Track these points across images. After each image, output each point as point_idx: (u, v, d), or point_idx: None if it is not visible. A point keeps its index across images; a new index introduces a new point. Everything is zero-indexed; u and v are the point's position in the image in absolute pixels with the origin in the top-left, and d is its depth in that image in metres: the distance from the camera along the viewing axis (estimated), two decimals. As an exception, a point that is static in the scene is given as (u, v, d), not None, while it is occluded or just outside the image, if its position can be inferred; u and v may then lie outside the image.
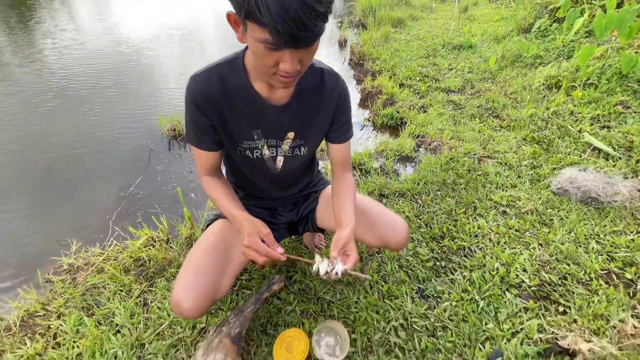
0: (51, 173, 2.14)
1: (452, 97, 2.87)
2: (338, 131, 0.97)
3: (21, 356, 1.06)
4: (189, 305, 0.84)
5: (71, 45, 4.39)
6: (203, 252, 0.95)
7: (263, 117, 0.88)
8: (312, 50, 0.70)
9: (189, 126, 0.89)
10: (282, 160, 0.98)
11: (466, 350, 1.02)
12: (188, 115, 0.87)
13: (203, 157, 0.93)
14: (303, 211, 1.15)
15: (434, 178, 1.78)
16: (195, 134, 0.89)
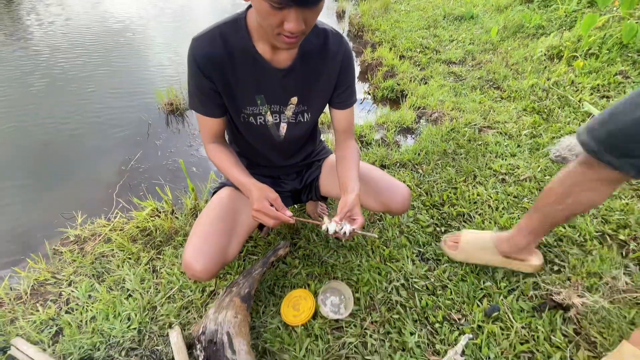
0: (50, 150, 2.12)
1: (453, 68, 2.83)
2: (341, 96, 0.97)
3: (34, 322, 1.10)
4: (200, 268, 0.87)
5: (56, 22, 4.22)
6: (211, 218, 0.97)
7: (266, 81, 0.87)
8: (317, 10, 0.69)
9: (193, 91, 0.88)
10: (285, 127, 0.98)
11: (464, 307, 1.07)
12: (191, 79, 0.86)
13: (208, 124, 0.92)
14: (306, 179, 1.16)
15: (435, 148, 1.79)
16: (199, 99, 0.88)
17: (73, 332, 1.04)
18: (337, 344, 1.00)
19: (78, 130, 2.29)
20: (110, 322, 1.06)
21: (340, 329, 1.04)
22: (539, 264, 1.11)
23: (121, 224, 1.47)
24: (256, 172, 1.12)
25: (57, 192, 1.81)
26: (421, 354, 0.96)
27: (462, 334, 0.99)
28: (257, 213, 0.84)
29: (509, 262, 1.13)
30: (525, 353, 0.94)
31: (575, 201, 0.87)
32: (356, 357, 0.96)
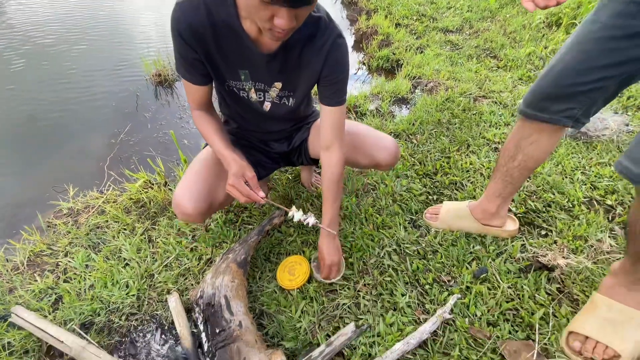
0: (36, 124, 2.06)
1: (449, 37, 2.75)
2: (325, 91, 0.90)
3: (33, 290, 1.11)
4: (189, 205, 0.90)
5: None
6: (201, 163, 1.00)
7: (250, 60, 0.85)
8: (309, 7, 0.65)
9: (177, 58, 0.84)
10: (269, 106, 0.97)
11: (454, 270, 1.11)
12: (175, 46, 0.82)
13: (193, 91, 0.90)
14: (295, 143, 1.15)
15: (429, 118, 1.78)
16: (183, 67, 0.85)
17: (72, 299, 1.06)
18: (331, 305, 1.03)
19: (64, 104, 2.21)
20: (109, 290, 1.08)
21: (334, 292, 1.08)
22: (513, 229, 1.17)
23: (114, 196, 1.46)
24: (245, 135, 1.11)
25: (46, 166, 1.78)
26: (411, 313, 1.01)
27: (451, 294, 1.03)
28: (230, 188, 0.85)
29: (486, 229, 1.18)
30: (511, 310, 0.99)
31: (526, 156, 0.95)
32: (349, 316, 1.00)
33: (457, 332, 0.95)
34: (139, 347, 0.97)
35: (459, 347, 0.91)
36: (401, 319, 0.98)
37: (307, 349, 0.93)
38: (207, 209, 0.94)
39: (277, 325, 0.99)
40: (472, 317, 0.98)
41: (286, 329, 0.98)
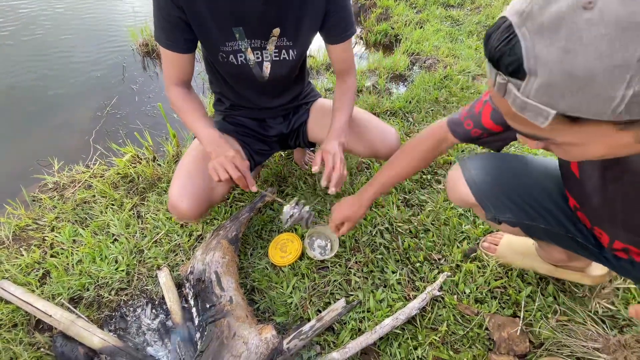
0: (18, 95, 1.96)
1: (450, 12, 2.66)
2: (334, 28, 0.88)
3: (19, 265, 1.09)
4: (186, 206, 0.86)
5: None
6: (193, 158, 0.94)
7: (245, 10, 0.78)
8: None
9: (158, 20, 0.77)
10: (269, 66, 0.91)
11: (445, 248, 1.12)
12: (157, 3, 0.76)
13: (174, 62, 0.83)
14: (294, 124, 1.11)
15: (427, 96, 1.74)
16: (164, 31, 0.78)
17: (60, 274, 1.05)
18: (322, 281, 1.04)
19: (47, 74, 2.10)
20: (98, 265, 1.07)
21: (325, 269, 1.08)
22: (601, 273, 0.92)
23: (101, 171, 1.42)
24: (240, 114, 1.07)
25: (29, 138, 1.71)
26: (401, 290, 1.02)
27: (441, 272, 1.04)
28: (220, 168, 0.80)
29: (561, 273, 0.97)
30: (499, 288, 1.01)
31: None
32: (340, 293, 1.01)
33: (446, 308, 0.96)
34: (129, 322, 0.97)
35: (447, 322, 0.93)
36: (391, 296, 1.00)
37: (297, 323, 0.94)
38: (205, 209, 0.92)
39: (268, 300, 1.00)
40: (460, 295, 0.99)
41: (277, 304, 0.98)
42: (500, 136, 0.69)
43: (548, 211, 0.72)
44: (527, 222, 0.74)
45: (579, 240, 0.71)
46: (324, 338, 0.91)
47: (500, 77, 0.35)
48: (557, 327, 0.90)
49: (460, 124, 0.72)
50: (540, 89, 0.31)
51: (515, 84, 0.33)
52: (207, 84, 1.98)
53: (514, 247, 1.03)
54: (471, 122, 0.69)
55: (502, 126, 0.65)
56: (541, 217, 0.72)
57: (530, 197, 0.72)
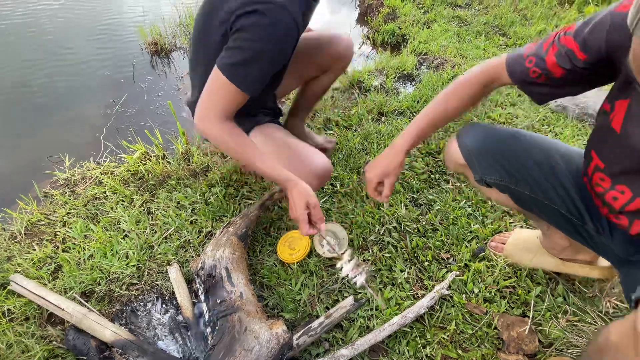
0: (29, 92, 1.98)
1: (458, 12, 2.65)
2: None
3: (31, 259, 1.11)
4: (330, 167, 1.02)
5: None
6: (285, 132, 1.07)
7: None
8: None
9: (252, 67, 0.77)
10: None
11: (453, 248, 1.12)
12: (267, 55, 0.76)
13: (237, 99, 0.81)
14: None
15: (434, 96, 1.73)
16: (254, 79, 0.79)
17: (72, 268, 1.06)
18: (330, 279, 1.04)
19: (57, 72, 2.13)
20: (109, 260, 1.08)
21: (334, 266, 1.08)
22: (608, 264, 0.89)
23: (112, 168, 1.44)
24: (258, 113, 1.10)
25: (41, 136, 1.73)
26: (410, 288, 1.02)
27: (450, 271, 1.04)
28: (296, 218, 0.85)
29: (568, 267, 0.95)
30: (508, 288, 1.00)
31: None
32: (348, 290, 1.02)
33: (454, 307, 0.96)
34: (140, 316, 0.98)
35: (455, 321, 0.93)
36: (399, 294, 1.00)
37: (306, 320, 0.95)
38: None
39: (277, 297, 1.00)
40: (469, 294, 0.99)
41: (286, 301, 0.99)
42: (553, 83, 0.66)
43: (534, 179, 0.74)
44: (512, 187, 0.77)
45: (562, 212, 0.74)
46: (332, 335, 0.92)
47: None
48: (567, 327, 0.90)
49: (522, 61, 0.68)
50: None
51: None
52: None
53: (521, 244, 1.03)
54: (534, 59, 0.66)
55: (562, 69, 0.63)
56: (526, 183, 0.75)
57: (517, 162, 0.75)
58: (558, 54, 0.63)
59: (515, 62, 0.70)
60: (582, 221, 0.73)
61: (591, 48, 0.57)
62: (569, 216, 0.74)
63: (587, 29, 0.58)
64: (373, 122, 1.62)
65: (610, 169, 0.64)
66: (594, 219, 0.72)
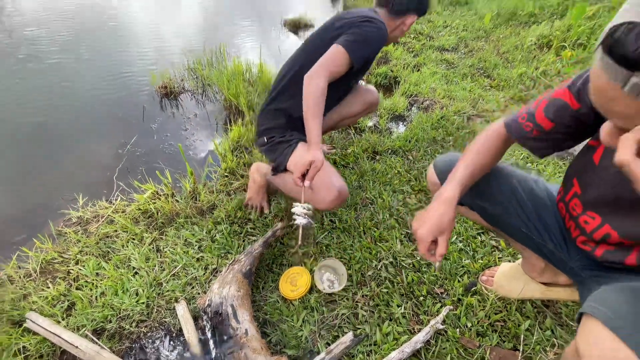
0: (43, 133, 2.11)
1: (445, 55, 2.87)
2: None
3: (46, 297, 1.16)
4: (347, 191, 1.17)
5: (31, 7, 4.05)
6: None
7: None
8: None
9: (364, 47, 1.14)
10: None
11: (446, 282, 1.18)
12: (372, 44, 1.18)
13: (343, 66, 1.13)
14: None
15: (425, 136, 1.87)
16: (359, 51, 1.13)
17: (85, 306, 1.11)
18: (331, 315, 1.09)
19: (71, 113, 2.28)
20: (120, 297, 1.14)
21: (334, 302, 1.14)
22: None
23: (123, 206, 1.52)
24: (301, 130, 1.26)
25: (55, 175, 1.83)
26: (406, 323, 1.07)
27: (444, 306, 1.10)
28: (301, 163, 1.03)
29: (549, 292, 1.03)
30: (499, 322, 1.06)
31: None
32: (348, 326, 1.07)
33: (449, 341, 1.01)
34: (148, 353, 1.02)
35: (450, 355, 0.98)
36: (396, 329, 1.05)
37: (308, 357, 0.99)
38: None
39: (279, 333, 1.05)
40: (462, 328, 1.04)
41: (288, 337, 1.04)
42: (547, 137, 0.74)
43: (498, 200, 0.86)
44: (479, 205, 0.88)
45: (523, 230, 0.85)
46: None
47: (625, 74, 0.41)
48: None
49: (517, 118, 0.76)
50: None
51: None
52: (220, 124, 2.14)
53: (507, 273, 1.10)
54: (526, 115, 0.75)
55: (551, 122, 0.70)
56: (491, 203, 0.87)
57: (483, 184, 0.85)
58: (546, 108, 0.71)
59: (512, 120, 0.79)
60: (542, 239, 0.83)
61: (585, 98, 0.65)
62: (530, 234, 0.84)
63: (580, 81, 0.67)
64: (368, 160, 1.73)
65: (585, 197, 0.72)
66: (552, 238, 0.82)
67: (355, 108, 1.56)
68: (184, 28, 3.55)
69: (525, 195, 0.85)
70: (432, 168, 0.97)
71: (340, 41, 1.13)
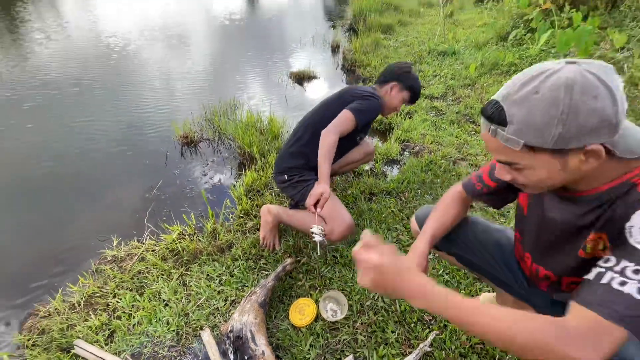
0: (79, 182, 2.39)
1: (435, 103, 3.21)
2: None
3: (90, 327, 1.36)
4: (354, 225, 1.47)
5: (58, 53, 4.59)
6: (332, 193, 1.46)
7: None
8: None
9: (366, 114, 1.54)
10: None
11: (435, 310, 1.36)
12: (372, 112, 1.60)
13: (351, 127, 1.49)
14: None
15: (415, 178, 2.11)
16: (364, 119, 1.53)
17: (124, 333, 1.31)
18: (334, 340, 1.27)
19: (103, 162, 2.58)
20: (153, 326, 1.33)
21: (336, 329, 1.32)
22: None
23: (152, 246, 1.75)
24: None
25: (92, 218, 2.08)
26: (399, 346, 1.24)
27: (432, 331, 1.27)
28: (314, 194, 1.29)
29: None
30: (479, 344, 1.22)
31: None
32: (349, 350, 1.24)
33: (436, 362, 1.18)
34: (179, 374, 1.19)
35: (437, 375, 1.14)
36: (391, 352, 1.22)
37: (314, 376, 1.16)
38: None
39: (290, 357, 1.22)
40: (447, 350, 1.21)
41: (298, 358, 1.21)
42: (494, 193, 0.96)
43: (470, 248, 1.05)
44: (454, 251, 1.07)
45: (490, 272, 1.03)
46: (336, 388, 1.12)
47: (493, 126, 0.63)
48: (527, 378, 1.10)
49: (471, 180, 0.99)
50: (515, 131, 0.61)
51: (502, 129, 0.63)
52: (234, 169, 2.42)
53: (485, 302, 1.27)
54: (476, 178, 0.99)
55: (494, 182, 0.93)
56: (465, 251, 1.05)
57: (458, 232, 1.05)
58: (490, 171, 0.95)
59: (467, 182, 1.03)
60: (508, 280, 1.01)
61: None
62: (498, 276, 1.03)
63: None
64: (365, 201, 1.97)
65: (522, 240, 0.93)
66: (516, 279, 1.00)
67: (355, 157, 1.90)
68: (200, 82, 4.00)
69: (491, 242, 1.05)
70: (414, 219, 1.17)
71: (349, 107, 1.51)
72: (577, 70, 0.56)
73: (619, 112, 0.56)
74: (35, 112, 3.16)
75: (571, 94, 0.55)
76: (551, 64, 0.60)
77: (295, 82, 4.00)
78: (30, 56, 4.30)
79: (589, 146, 0.57)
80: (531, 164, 0.63)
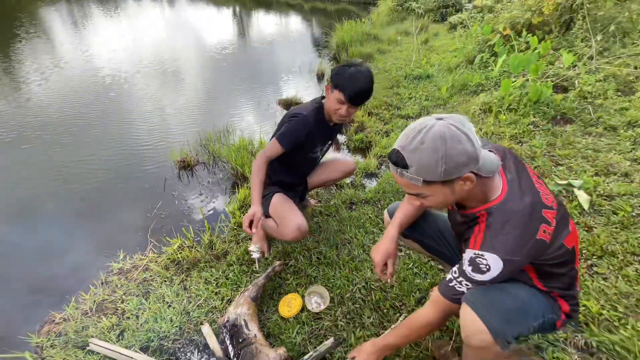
0: (87, 204, 2.60)
1: (409, 122, 3.52)
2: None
3: (102, 328, 1.53)
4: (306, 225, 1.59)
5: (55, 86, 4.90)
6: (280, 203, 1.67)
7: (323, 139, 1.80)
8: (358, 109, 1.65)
9: (288, 136, 1.57)
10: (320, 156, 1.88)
11: (404, 298, 1.57)
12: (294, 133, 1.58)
13: (277, 151, 1.58)
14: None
15: (390, 189, 2.37)
16: (288, 141, 1.58)
17: (133, 331, 1.48)
18: (318, 327, 1.46)
19: (108, 186, 2.80)
20: (159, 324, 1.51)
21: (320, 318, 1.51)
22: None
23: (155, 257, 1.94)
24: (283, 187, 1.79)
25: (98, 236, 2.28)
26: (374, 329, 1.44)
27: (401, 314, 1.48)
28: (247, 217, 1.42)
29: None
30: (441, 323, 1.43)
31: None
32: (330, 334, 1.43)
33: (404, 339, 1.37)
34: (182, 362, 1.37)
35: (405, 350, 1.33)
36: (366, 334, 1.42)
37: (301, 356, 1.34)
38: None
39: (279, 342, 1.41)
40: (414, 329, 1.41)
41: (286, 343, 1.39)
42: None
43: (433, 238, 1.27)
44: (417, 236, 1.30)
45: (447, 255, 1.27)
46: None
47: (399, 170, 0.83)
48: (480, 346, 1.30)
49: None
50: (415, 171, 0.83)
51: (406, 171, 0.85)
52: (228, 188, 2.65)
53: None
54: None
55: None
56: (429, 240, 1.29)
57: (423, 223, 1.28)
58: None
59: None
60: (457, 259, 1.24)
61: None
62: (451, 257, 1.26)
63: None
64: (346, 209, 2.20)
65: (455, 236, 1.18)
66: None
67: (335, 175, 2.05)
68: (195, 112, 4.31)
69: (447, 230, 1.26)
70: (386, 213, 1.41)
71: (276, 133, 1.64)
72: (444, 125, 0.79)
73: (476, 149, 0.81)
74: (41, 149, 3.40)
75: (445, 142, 0.78)
76: (427, 120, 0.83)
77: (284, 108, 4.33)
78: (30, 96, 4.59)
79: (465, 174, 0.82)
80: (431, 192, 0.86)
